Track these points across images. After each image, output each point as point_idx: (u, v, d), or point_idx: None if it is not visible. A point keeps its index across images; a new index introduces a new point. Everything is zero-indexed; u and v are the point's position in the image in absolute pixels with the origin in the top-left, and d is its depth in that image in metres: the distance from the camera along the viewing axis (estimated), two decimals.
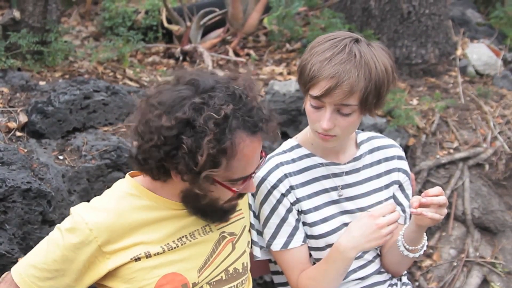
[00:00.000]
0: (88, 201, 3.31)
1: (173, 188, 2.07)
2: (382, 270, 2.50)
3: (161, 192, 2.10)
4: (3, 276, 2.22)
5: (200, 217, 2.12)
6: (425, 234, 2.32)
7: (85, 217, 2.03)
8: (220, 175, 1.96)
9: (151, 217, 2.09)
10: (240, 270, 2.23)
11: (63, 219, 3.07)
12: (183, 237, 2.11)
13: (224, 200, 2.06)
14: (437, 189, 2.18)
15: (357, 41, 2.19)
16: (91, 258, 2.03)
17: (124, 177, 2.21)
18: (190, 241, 2.12)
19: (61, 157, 3.39)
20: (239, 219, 2.29)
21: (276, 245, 2.36)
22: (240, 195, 2.10)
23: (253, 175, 2.05)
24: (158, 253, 2.06)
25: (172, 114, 1.90)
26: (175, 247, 2.09)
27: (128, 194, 2.11)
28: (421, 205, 2.16)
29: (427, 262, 4.25)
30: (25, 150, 3.26)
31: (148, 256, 2.05)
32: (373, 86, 2.16)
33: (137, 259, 2.04)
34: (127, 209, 2.08)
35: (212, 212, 2.09)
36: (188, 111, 1.89)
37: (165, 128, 1.90)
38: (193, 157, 1.89)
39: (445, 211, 2.19)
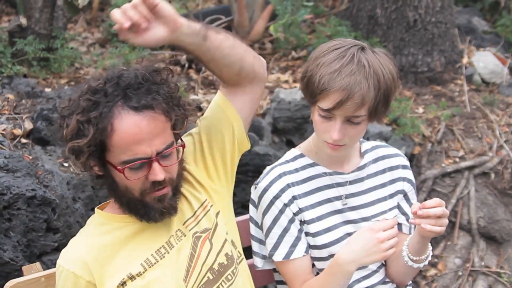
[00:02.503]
0: (93, 209, 3.33)
1: None
2: (387, 280, 2.49)
3: (124, 212, 2.12)
4: (6, 284, 2.22)
5: (135, 217, 2.09)
6: (429, 244, 2.31)
7: (65, 265, 2.07)
8: (111, 157, 1.96)
9: (123, 236, 2.10)
10: (226, 262, 2.17)
11: (67, 226, 3.11)
12: (160, 248, 2.10)
13: (136, 190, 2.01)
14: (434, 201, 2.14)
15: (362, 49, 2.18)
16: None
17: None
18: (168, 252, 2.10)
19: (66, 164, 3.39)
20: (208, 210, 2.22)
21: (278, 256, 2.35)
22: (155, 184, 2.01)
23: (155, 158, 1.97)
24: (140, 273, 2.05)
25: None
26: (155, 263, 2.08)
27: (97, 224, 2.14)
28: (419, 217, 2.14)
29: (432, 272, 4.23)
30: (30, 157, 3.26)
31: (131, 278, 2.04)
32: (382, 95, 2.15)
33: (123, 283, 2.04)
34: (95, 236, 2.10)
35: (135, 207, 2.06)
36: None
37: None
38: (63, 134, 1.95)
39: (445, 221, 2.16)
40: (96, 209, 2.20)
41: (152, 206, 2.04)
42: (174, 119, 2.02)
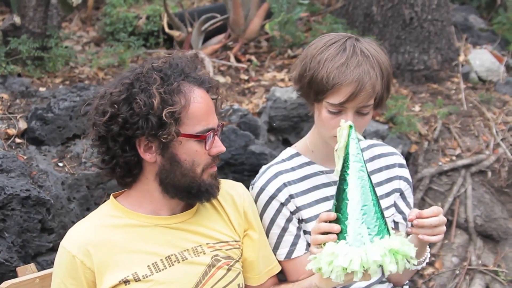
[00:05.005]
0: (88, 208, 3.33)
1: (148, 187, 2.11)
2: (384, 279, 2.48)
3: (141, 208, 2.13)
4: (1, 285, 2.21)
5: (187, 199, 2.13)
6: (428, 246, 2.29)
7: (64, 244, 2.09)
8: (184, 130, 2.02)
9: (135, 234, 2.10)
10: None
11: (62, 227, 3.10)
12: (171, 255, 2.10)
13: (201, 165, 2.07)
14: (431, 210, 2.10)
15: (357, 40, 2.21)
16: (89, 278, 2.06)
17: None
18: (179, 262, 2.10)
19: (60, 164, 3.38)
20: (238, 248, 2.26)
21: (280, 256, 2.35)
22: (215, 158, 2.11)
23: (217, 132, 2.10)
24: (146, 276, 2.05)
25: (119, 83, 2.05)
26: (163, 269, 2.07)
27: (109, 215, 2.14)
28: (415, 227, 2.10)
29: (429, 270, 4.23)
30: (25, 157, 3.25)
31: (137, 279, 2.04)
32: (386, 81, 2.20)
33: (126, 281, 2.03)
34: (105, 226, 2.10)
35: (197, 186, 2.08)
36: (132, 76, 2.05)
37: (115, 95, 2.02)
38: (149, 105, 1.97)
39: (442, 229, 2.11)
40: (111, 196, 2.19)
41: (209, 183, 2.11)
42: (219, 100, 2.18)
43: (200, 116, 2.04)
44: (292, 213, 2.34)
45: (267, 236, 2.35)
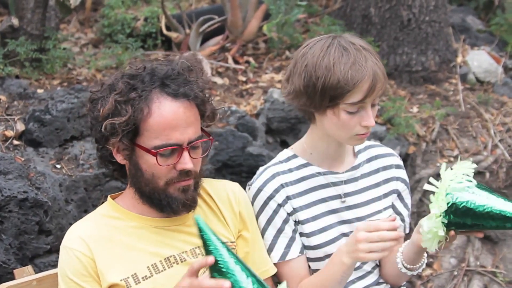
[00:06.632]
0: (86, 210, 3.33)
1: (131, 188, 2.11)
2: (381, 280, 2.48)
3: (136, 209, 2.12)
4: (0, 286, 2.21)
5: (152, 207, 2.10)
6: (425, 252, 2.29)
7: (64, 244, 2.08)
8: (142, 141, 1.99)
9: (135, 236, 2.09)
10: None
11: (60, 228, 3.10)
12: (170, 257, 2.10)
13: (162, 179, 2.03)
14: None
15: (345, 37, 2.24)
16: (94, 269, 2.05)
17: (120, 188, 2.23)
18: (178, 263, 2.09)
19: (58, 166, 3.38)
20: (233, 249, 2.25)
21: (274, 257, 2.34)
22: (182, 174, 2.04)
23: (186, 147, 2.01)
24: (146, 277, 2.05)
25: (101, 83, 2.07)
26: (162, 270, 2.07)
27: (107, 216, 2.14)
28: None
29: (428, 271, 4.23)
30: (22, 159, 3.25)
31: (136, 281, 2.04)
32: (384, 70, 2.24)
33: (126, 282, 2.03)
34: (103, 225, 2.10)
35: (157, 197, 2.06)
36: (115, 78, 2.04)
37: (93, 94, 2.05)
38: (99, 113, 1.99)
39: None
40: (109, 197, 2.19)
41: (175, 197, 2.06)
42: (206, 114, 2.09)
43: (161, 130, 1.97)
44: (289, 214, 2.33)
45: (262, 237, 2.35)
